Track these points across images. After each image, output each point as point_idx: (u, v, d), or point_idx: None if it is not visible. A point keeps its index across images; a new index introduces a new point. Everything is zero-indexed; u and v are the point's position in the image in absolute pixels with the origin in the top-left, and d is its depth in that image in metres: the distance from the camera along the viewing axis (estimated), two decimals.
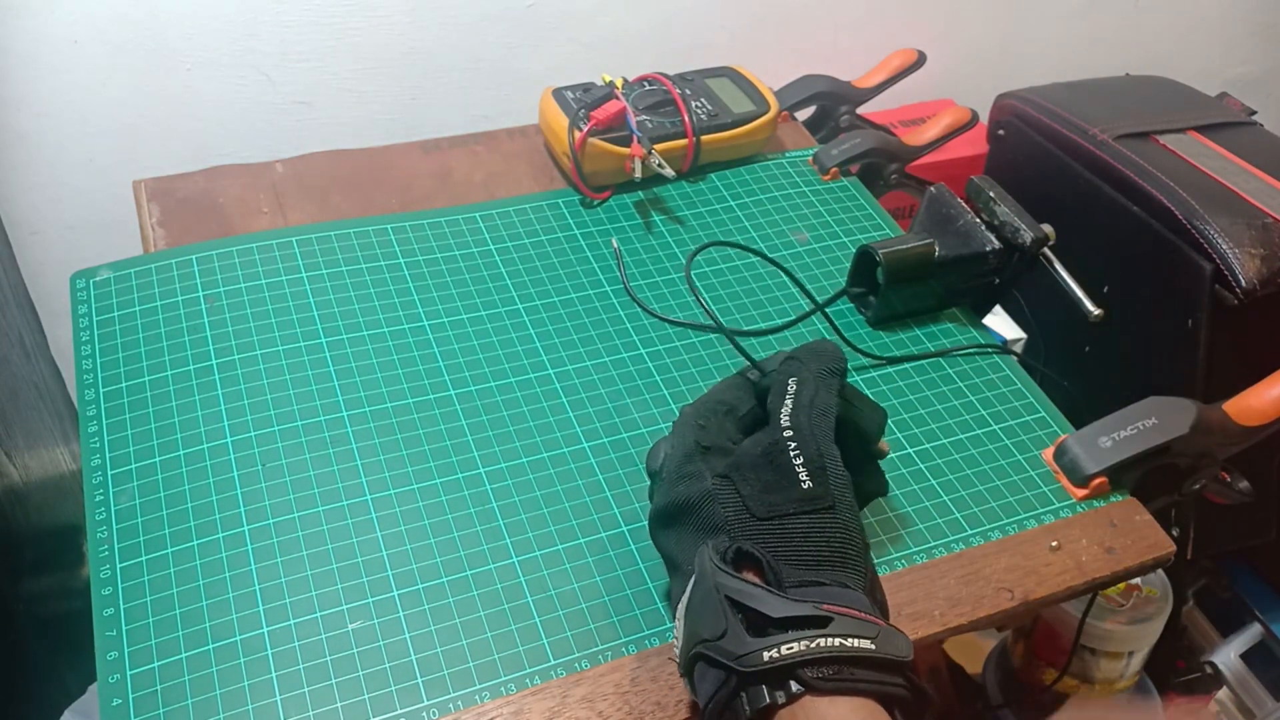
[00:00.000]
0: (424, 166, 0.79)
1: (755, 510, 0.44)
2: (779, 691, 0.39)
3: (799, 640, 0.39)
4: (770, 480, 0.44)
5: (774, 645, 0.39)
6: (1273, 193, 0.78)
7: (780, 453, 0.45)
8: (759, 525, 0.43)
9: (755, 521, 0.43)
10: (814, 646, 0.39)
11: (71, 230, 0.92)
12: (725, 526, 0.44)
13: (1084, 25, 1.22)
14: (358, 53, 0.91)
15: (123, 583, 0.51)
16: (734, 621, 0.40)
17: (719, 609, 0.41)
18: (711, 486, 0.45)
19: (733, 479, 0.45)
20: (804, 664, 0.39)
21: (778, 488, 0.44)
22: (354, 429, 0.59)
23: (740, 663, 0.39)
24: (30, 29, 0.80)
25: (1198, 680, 1.03)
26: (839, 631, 0.40)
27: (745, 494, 0.44)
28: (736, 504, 0.44)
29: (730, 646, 0.40)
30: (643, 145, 0.73)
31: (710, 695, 0.41)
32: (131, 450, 0.57)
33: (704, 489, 0.45)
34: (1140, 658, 0.91)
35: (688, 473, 0.46)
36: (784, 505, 0.43)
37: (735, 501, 0.44)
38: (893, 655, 0.40)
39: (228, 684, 0.47)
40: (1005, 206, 0.69)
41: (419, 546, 0.54)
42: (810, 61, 0.98)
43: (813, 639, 0.39)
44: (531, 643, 0.50)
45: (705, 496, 0.45)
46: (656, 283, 0.71)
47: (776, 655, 0.39)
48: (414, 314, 0.66)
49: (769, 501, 0.44)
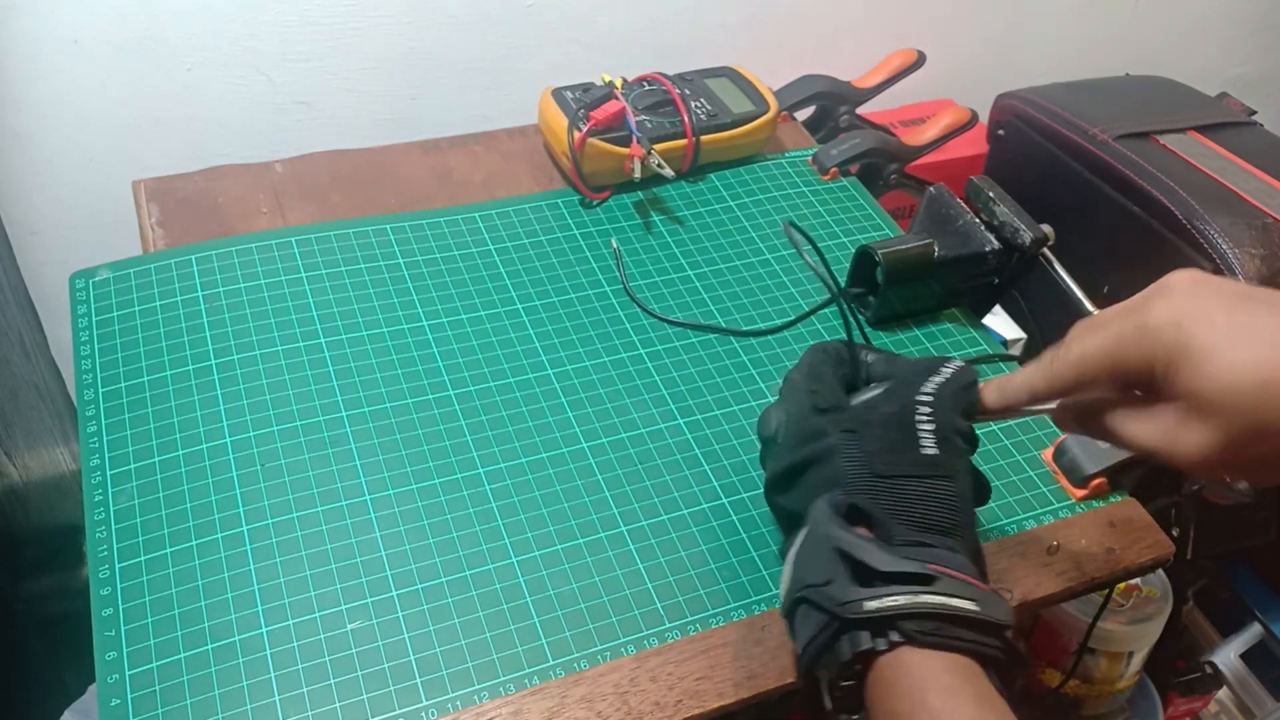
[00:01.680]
0: (424, 166, 0.79)
1: (876, 467, 0.45)
2: (880, 639, 0.40)
3: (903, 594, 0.40)
4: (895, 440, 0.45)
5: (878, 596, 0.40)
6: (1273, 193, 0.78)
7: (909, 416, 0.46)
8: (876, 482, 0.44)
9: (873, 478, 0.44)
10: (917, 602, 0.40)
11: (71, 230, 0.92)
12: (843, 480, 0.45)
13: (1084, 25, 1.22)
14: (358, 53, 0.91)
15: (122, 583, 0.51)
16: (841, 570, 0.42)
17: (828, 557, 0.42)
18: (836, 441, 0.46)
19: (859, 434, 0.46)
20: (906, 617, 0.40)
21: (902, 448, 0.45)
22: (353, 429, 0.59)
23: (844, 609, 0.41)
24: (30, 29, 0.80)
25: (1198, 680, 1.03)
26: (943, 590, 0.41)
27: (869, 449, 0.45)
28: (859, 459, 0.45)
29: (835, 593, 0.41)
30: (642, 145, 0.73)
31: (811, 637, 0.42)
32: (131, 450, 0.57)
33: (828, 444, 0.46)
34: (1140, 658, 0.91)
35: (810, 431, 0.47)
36: (905, 466, 0.45)
37: (858, 457, 0.45)
38: (993, 618, 0.41)
39: (226, 684, 0.47)
40: (1005, 206, 0.69)
41: (418, 547, 0.54)
42: (810, 61, 0.98)
43: (916, 594, 0.40)
44: (530, 643, 0.50)
45: (829, 451, 0.46)
46: (656, 283, 0.71)
47: (879, 606, 0.40)
48: (414, 314, 0.66)
49: (890, 460, 0.45)
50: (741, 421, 0.62)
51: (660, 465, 0.59)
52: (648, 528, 0.56)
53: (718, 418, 0.62)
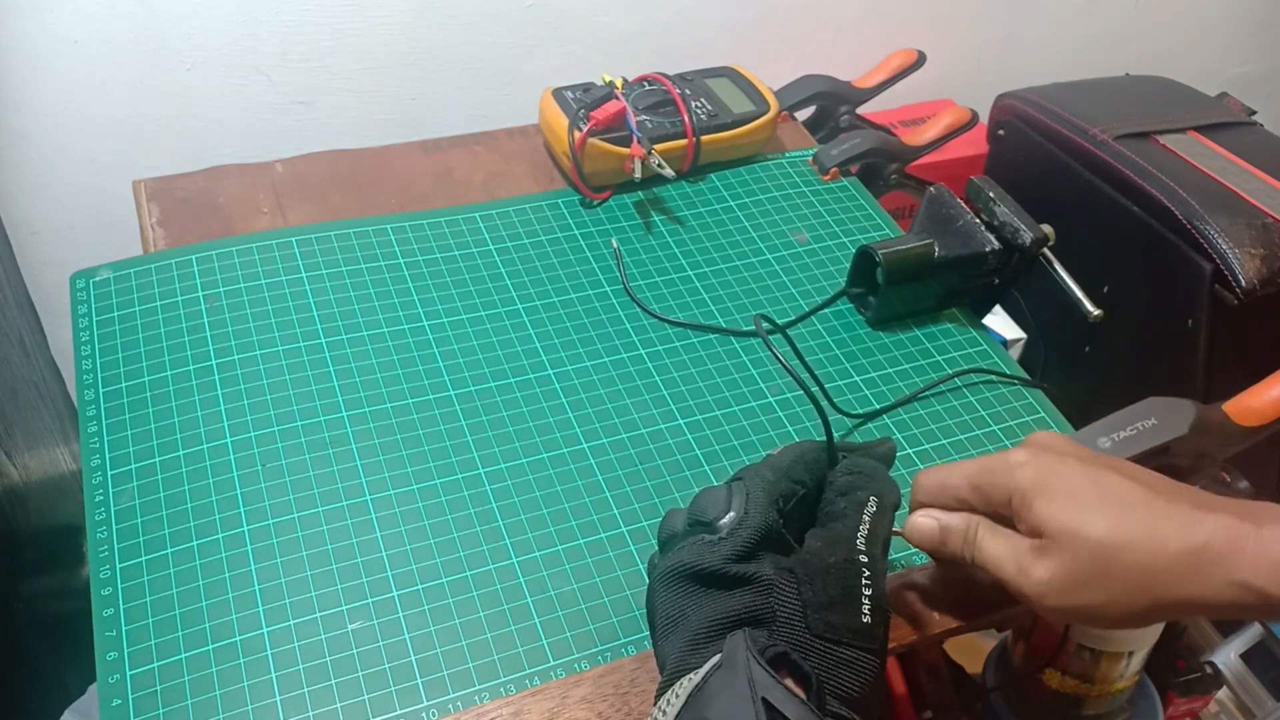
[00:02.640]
0: (424, 166, 0.79)
1: (813, 622, 0.40)
2: None
3: None
4: (835, 598, 0.41)
5: None
6: (1273, 193, 0.78)
7: (853, 575, 0.42)
8: (809, 641, 0.40)
9: (807, 635, 0.40)
10: None
11: (71, 230, 0.92)
12: (774, 624, 0.40)
13: (1084, 25, 1.22)
14: (358, 53, 0.91)
15: (122, 583, 0.51)
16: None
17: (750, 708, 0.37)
18: (773, 576, 0.41)
19: (798, 577, 0.42)
20: None
21: (840, 609, 0.41)
22: (354, 429, 0.59)
23: None
24: (30, 29, 0.80)
25: (1198, 680, 1.03)
26: None
27: (807, 600, 0.41)
28: (795, 607, 0.41)
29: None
30: (643, 145, 0.73)
31: None
32: (131, 450, 0.57)
33: (767, 574, 0.41)
34: (1140, 658, 0.91)
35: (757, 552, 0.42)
36: (841, 631, 0.41)
37: (795, 604, 0.41)
38: None
39: (227, 684, 0.47)
40: (1005, 206, 0.69)
41: (419, 547, 0.54)
42: (810, 61, 0.98)
43: None
44: (531, 643, 0.50)
45: (770, 584, 0.41)
46: (656, 283, 0.71)
47: None
48: (414, 314, 0.66)
49: (828, 620, 0.41)
50: (742, 422, 0.62)
51: (661, 465, 0.59)
52: (649, 528, 0.56)
53: (718, 418, 0.62)
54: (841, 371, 0.66)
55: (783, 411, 0.63)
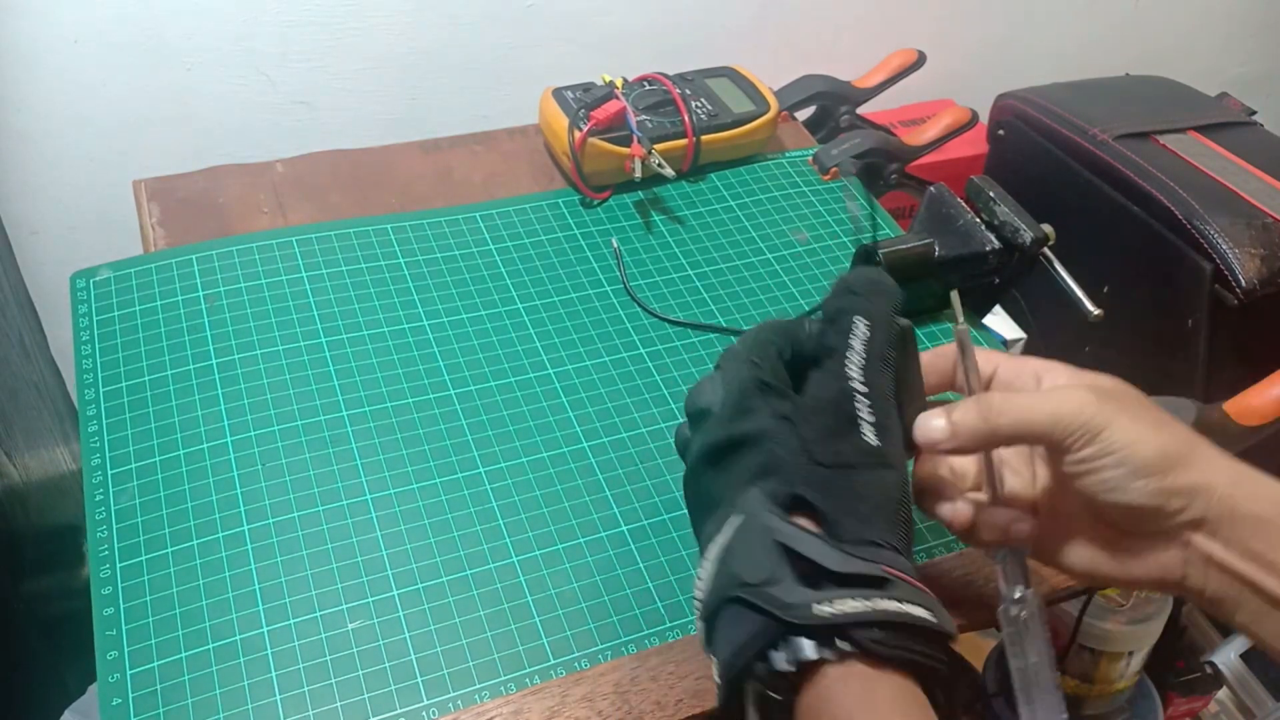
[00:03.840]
0: (424, 166, 0.79)
1: (818, 456, 0.40)
2: (828, 650, 0.35)
3: (859, 599, 0.36)
4: (834, 427, 0.40)
5: (829, 599, 0.35)
6: (1273, 193, 0.78)
7: (847, 400, 0.41)
8: (820, 472, 0.40)
9: (816, 468, 0.40)
10: (875, 608, 0.35)
11: (71, 230, 0.92)
12: (780, 468, 0.40)
13: (1084, 25, 1.22)
14: (358, 53, 0.91)
15: (123, 582, 0.51)
16: (785, 569, 0.37)
17: (768, 553, 0.37)
18: (771, 425, 0.41)
19: (794, 421, 0.41)
20: (858, 625, 0.35)
21: (843, 436, 0.40)
22: (354, 429, 0.59)
23: (790, 613, 0.36)
24: (30, 29, 0.80)
25: (1198, 680, 1.03)
26: (898, 595, 0.36)
27: (808, 437, 0.40)
28: (797, 447, 0.40)
29: (780, 594, 0.36)
30: (643, 145, 0.73)
31: (741, 642, 0.37)
32: (131, 450, 0.57)
33: (762, 426, 0.41)
34: (1140, 658, 0.91)
35: (747, 407, 0.42)
36: (850, 455, 0.40)
37: (796, 444, 0.40)
38: (944, 628, 0.37)
39: (228, 683, 0.47)
40: (1005, 206, 0.69)
41: (419, 546, 0.54)
42: (810, 61, 0.98)
43: (872, 599, 0.36)
44: (531, 642, 0.50)
45: (762, 434, 0.41)
46: (656, 283, 0.71)
47: (833, 611, 0.35)
48: (414, 314, 0.66)
49: (835, 449, 0.40)
50: None
51: (661, 464, 0.59)
52: (648, 526, 0.56)
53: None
54: None
55: None
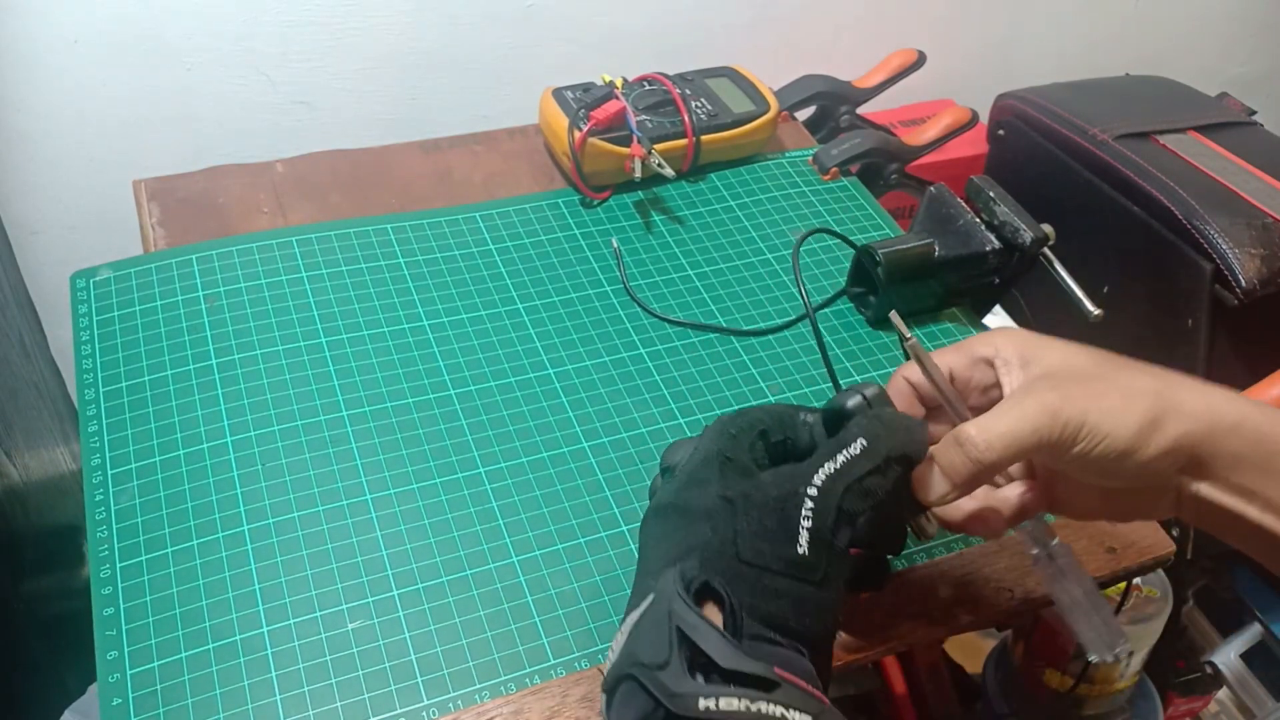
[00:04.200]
0: (424, 166, 0.79)
1: (742, 551, 0.41)
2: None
3: (740, 697, 0.37)
4: (770, 530, 0.41)
5: (713, 695, 0.37)
6: (1273, 193, 0.78)
7: (794, 507, 0.42)
8: (737, 566, 0.40)
9: (735, 562, 0.41)
10: (753, 710, 0.37)
11: (71, 230, 0.92)
12: (703, 553, 0.41)
13: (1084, 25, 1.22)
14: (358, 53, 0.91)
15: (123, 582, 0.51)
16: (678, 655, 0.38)
17: (667, 637, 0.39)
18: (714, 504, 0.42)
19: (736, 508, 0.42)
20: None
21: (773, 539, 0.41)
22: (354, 429, 0.59)
23: (674, 702, 0.37)
24: (30, 29, 0.81)
25: (1198, 680, 1.03)
26: (783, 700, 0.37)
27: (739, 529, 0.41)
28: (727, 536, 0.41)
29: (667, 681, 0.38)
30: (643, 145, 0.73)
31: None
32: (131, 450, 0.57)
33: (707, 503, 0.42)
34: (1140, 658, 0.91)
35: (699, 478, 0.43)
36: (770, 559, 0.41)
37: (728, 534, 0.41)
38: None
39: (228, 683, 0.47)
40: (1005, 206, 0.69)
41: (419, 546, 0.54)
42: (810, 61, 0.98)
43: (754, 699, 0.37)
44: (531, 642, 0.50)
45: (702, 512, 0.42)
46: (656, 283, 0.71)
47: (713, 707, 0.37)
48: (414, 314, 0.66)
49: (758, 548, 0.41)
50: None
51: None
52: None
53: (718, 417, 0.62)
54: (842, 371, 0.66)
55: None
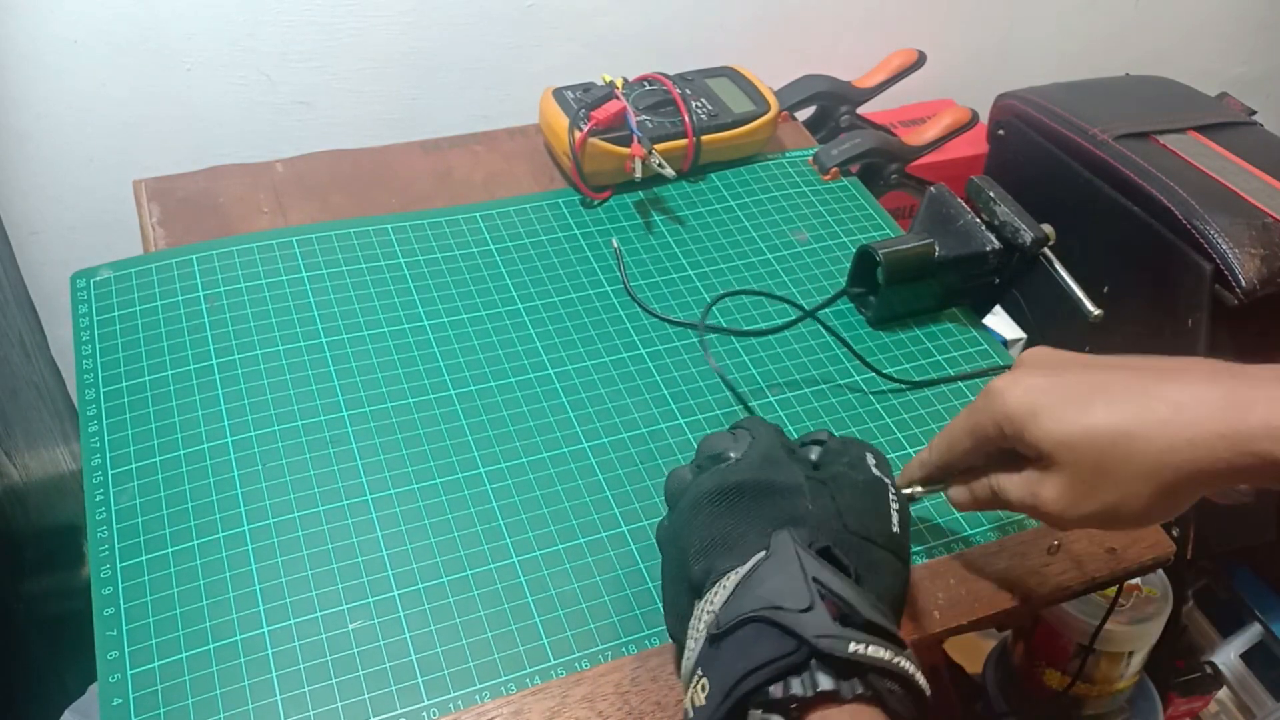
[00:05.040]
0: (424, 166, 0.79)
1: (849, 523, 0.43)
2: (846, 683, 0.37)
3: (886, 649, 0.37)
4: (867, 507, 0.44)
5: (864, 642, 0.37)
6: (1273, 193, 0.78)
7: (881, 491, 0.45)
8: (847, 538, 0.42)
9: (845, 533, 0.42)
10: (894, 662, 0.37)
11: (71, 230, 0.92)
12: (810, 521, 0.42)
13: (1084, 25, 1.22)
14: (358, 53, 0.91)
15: (123, 582, 0.51)
16: (820, 602, 0.39)
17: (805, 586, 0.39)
18: (804, 482, 0.44)
19: (828, 487, 0.44)
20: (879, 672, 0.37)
21: (872, 516, 0.44)
22: (354, 429, 0.59)
23: (823, 643, 0.37)
24: (30, 29, 0.80)
25: (1198, 680, 1.03)
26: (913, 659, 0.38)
27: (841, 505, 0.43)
28: (829, 509, 0.43)
29: (815, 622, 0.38)
30: (643, 145, 0.73)
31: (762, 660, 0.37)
32: (131, 450, 0.57)
33: (796, 480, 0.44)
34: (1140, 658, 0.91)
35: (778, 460, 0.45)
36: (875, 533, 0.43)
37: (830, 506, 0.43)
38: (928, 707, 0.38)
39: (228, 683, 0.47)
40: (1005, 206, 0.69)
41: (419, 546, 0.54)
42: (810, 61, 0.98)
43: (896, 653, 0.37)
44: (531, 642, 0.50)
45: (797, 488, 0.44)
46: (656, 283, 0.71)
47: (862, 651, 0.37)
48: (414, 314, 0.66)
49: (863, 523, 0.43)
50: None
51: (661, 465, 0.59)
52: (649, 527, 0.56)
53: (718, 418, 0.62)
54: (842, 371, 0.66)
55: (783, 411, 0.63)
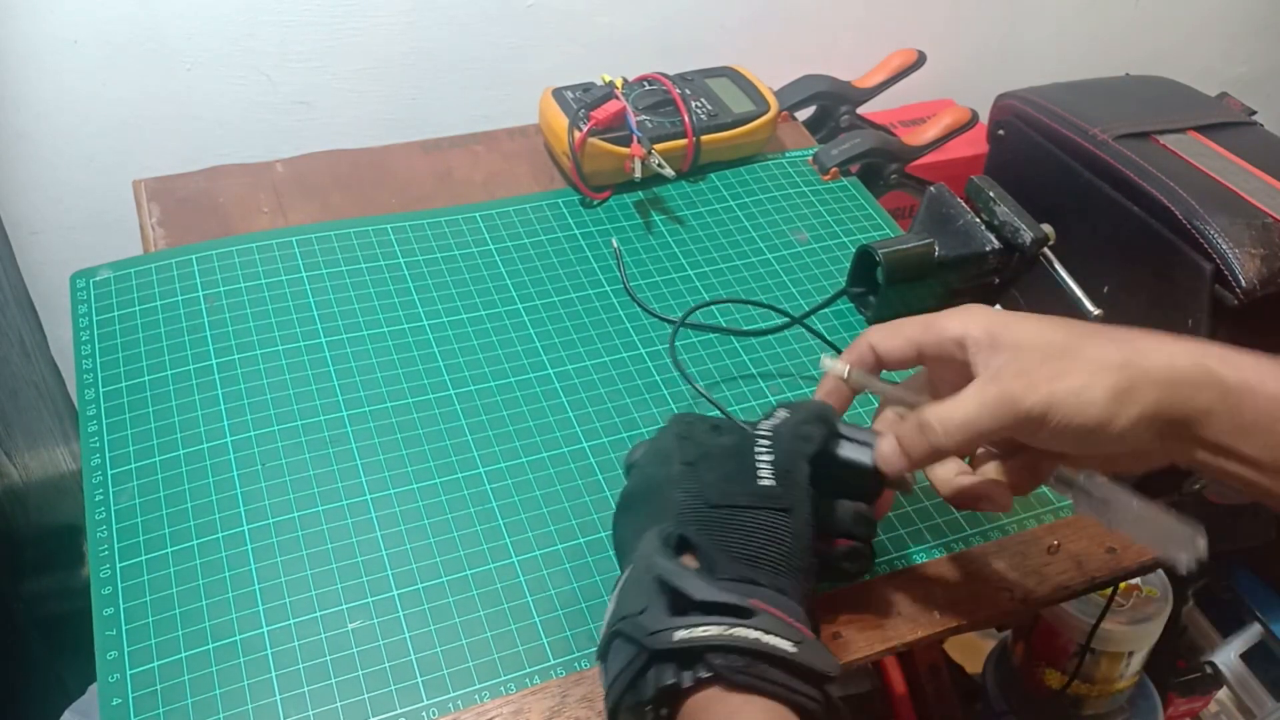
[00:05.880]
0: (424, 166, 0.79)
1: (710, 497, 0.43)
2: (686, 673, 0.38)
3: (715, 625, 0.38)
4: (731, 470, 0.44)
5: (688, 626, 0.38)
6: (1273, 193, 0.78)
7: (747, 447, 0.45)
8: (708, 512, 0.43)
9: (706, 509, 0.43)
10: (728, 634, 0.38)
11: (71, 230, 0.92)
12: (675, 511, 0.43)
13: (1084, 25, 1.22)
14: (358, 53, 0.91)
15: (123, 582, 0.51)
16: (656, 600, 0.39)
17: (646, 587, 0.40)
18: (675, 471, 0.45)
19: (697, 465, 0.45)
20: (716, 650, 0.38)
21: (737, 479, 0.44)
22: (354, 429, 0.59)
23: (652, 639, 0.38)
24: (30, 29, 0.80)
25: (1198, 680, 1.03)
26: (759, 625, 0.38)
27: (705, 480, 0.44)
28: (694, 490, 0.44)
29: (646, 622, 0.39)
30: (643, 145, 0.73)
31: (616, 671, 0.39)
32: (131, 450, 0.57)
33: (668, 473, 0.45)
34: (1140, 658, 0.91)
35: (662, 456, 0.46)
36: (737, 496, 0.43)
37: (693, 487, 0.44)
38: (812, 664, 0.38)
39: (227, 683, 0.47)
40: (1005, 206, 0.69)
41: (419, 546, 0.54)
42: (810, 61, 0.98)
43: (729, 626, 0.38)
44: (531, 642, 0.50)
45: (669, 480, 0.45)
46: (656, 283, 0.71)
47: (688, 636, 0.38)
48: (414, 314, 0.66)
49: (724, 490, 0.43)
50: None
51: None
52: None
53: (718, 417, 0.62)
54: None
55: None
